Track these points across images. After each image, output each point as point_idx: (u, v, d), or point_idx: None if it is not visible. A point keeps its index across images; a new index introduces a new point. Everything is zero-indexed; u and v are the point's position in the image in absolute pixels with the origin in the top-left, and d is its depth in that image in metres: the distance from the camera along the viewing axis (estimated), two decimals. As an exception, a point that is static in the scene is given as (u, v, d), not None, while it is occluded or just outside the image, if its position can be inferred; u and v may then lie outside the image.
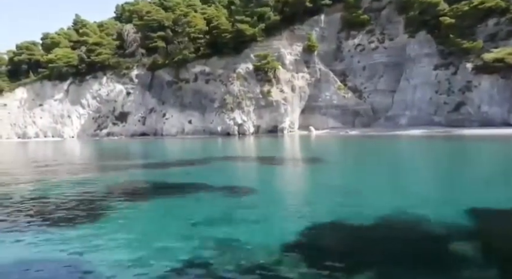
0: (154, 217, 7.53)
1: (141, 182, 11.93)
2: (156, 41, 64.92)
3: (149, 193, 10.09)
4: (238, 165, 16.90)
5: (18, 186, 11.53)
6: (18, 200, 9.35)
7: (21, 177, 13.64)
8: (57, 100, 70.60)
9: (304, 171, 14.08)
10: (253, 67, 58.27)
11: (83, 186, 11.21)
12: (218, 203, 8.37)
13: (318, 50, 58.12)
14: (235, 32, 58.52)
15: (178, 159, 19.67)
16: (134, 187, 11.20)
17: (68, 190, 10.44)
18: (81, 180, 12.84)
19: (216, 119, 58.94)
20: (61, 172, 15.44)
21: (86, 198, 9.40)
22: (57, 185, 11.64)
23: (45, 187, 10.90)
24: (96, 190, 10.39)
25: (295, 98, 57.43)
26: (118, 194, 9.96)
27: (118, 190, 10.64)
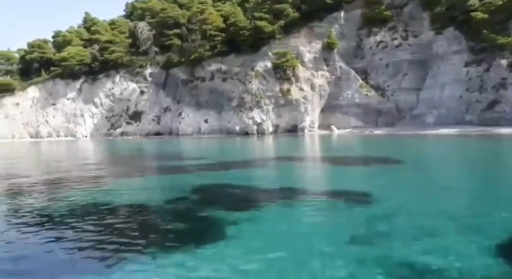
0: (290, 234, 6.13)
1: (225, 186, 10.57)
2: (172, 39, 63.70)
3: (251, 201, 8.66)
4: (306, 166, 15.44)
5: (86, 195, 9.71)
6: (97, 213, 7.44)
7: (77, 179, 12.36)
8: (70, 99, 69.55)
9: (391, 172, 12.75)
10: (272, 65, 57.01)
11: (159, 192, 9.96)
12: (347, 214, 7.11)
13: (337, 47, 56.85)
14: (253, 29, 57.27)
15: (233, 160, 18.17)
16: (224, 191, 9.87)
17: (147, 197, 9.20)
18: (150, 184, 11.64)
19: (233, 118, 57.72)
20: (118, 173, 14.20)
21: (177, 207, 8.05)
22: (126, 189, 10.43)
23: (115, 194, 9.63)
24: (181, 196, 9.12)
25: (315, 97, 56.15)
26: (213, 201, 8.67)
27: (207, 195, 9.38)
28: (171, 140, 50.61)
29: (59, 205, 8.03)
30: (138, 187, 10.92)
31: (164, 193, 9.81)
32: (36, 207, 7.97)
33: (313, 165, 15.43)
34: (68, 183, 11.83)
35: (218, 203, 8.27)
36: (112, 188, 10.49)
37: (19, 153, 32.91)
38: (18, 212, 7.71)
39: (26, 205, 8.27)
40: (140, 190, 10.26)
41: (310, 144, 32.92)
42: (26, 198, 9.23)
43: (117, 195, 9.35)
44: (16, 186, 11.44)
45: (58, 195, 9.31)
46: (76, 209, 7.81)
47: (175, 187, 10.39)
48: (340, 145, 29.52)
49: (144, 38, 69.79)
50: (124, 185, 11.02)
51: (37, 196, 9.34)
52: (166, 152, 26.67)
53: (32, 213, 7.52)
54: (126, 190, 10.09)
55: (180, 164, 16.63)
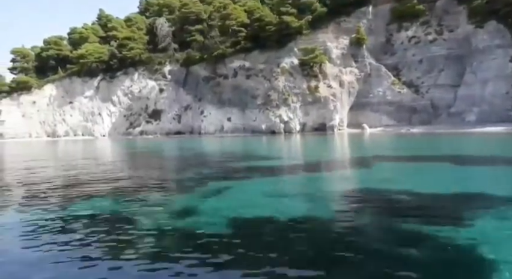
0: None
1: (377, 192, 8.73)
2: (194, 35, 61.96)
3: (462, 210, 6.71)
4: (424, 166, 13.51)
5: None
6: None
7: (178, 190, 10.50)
8: (87, 97, 68.01)
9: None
10: (299, 62, 55.23)
11: (321, 199, 8.07)
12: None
13: (365, 43, 55.03)
14: (279, 25, 55.48)
15: (316, 160, 16.33)
16: (390, 198, 8.00)
17: (312, 207, 7.37)
18: (286, 189, 9.90)
19: (259, 116, 55.97)
20: (214, 177, 12.38)
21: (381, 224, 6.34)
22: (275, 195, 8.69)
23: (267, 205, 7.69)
24: (343, 208, 7.33)
25: (344, 94, 54.33)
26: (399, 211, 6.81)
27: (376, 204, 7.55)
28: (199, 139, 48.86)
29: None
30: (278, 193, 9.16)
31: (328, 202, 7.92)
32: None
33: (429, 165, 13.57)
34: (160, 197, 10.09)
35: (410, 213, 6.49)
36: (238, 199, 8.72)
37: (42, 154, 31.19)
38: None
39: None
40: (287, 198, 8.42)
41: (358, 143, 31.11)
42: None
43: (266, 205, 7.60)
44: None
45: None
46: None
47: (318, 193, 8.62)
48: (394, 144, 27.66)
49: (163, 35, 68.16)
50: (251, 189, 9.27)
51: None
52: (225, 152, 24.52)
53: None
54: (275, 197, 8.33)
55: (263, 165, 14.83)
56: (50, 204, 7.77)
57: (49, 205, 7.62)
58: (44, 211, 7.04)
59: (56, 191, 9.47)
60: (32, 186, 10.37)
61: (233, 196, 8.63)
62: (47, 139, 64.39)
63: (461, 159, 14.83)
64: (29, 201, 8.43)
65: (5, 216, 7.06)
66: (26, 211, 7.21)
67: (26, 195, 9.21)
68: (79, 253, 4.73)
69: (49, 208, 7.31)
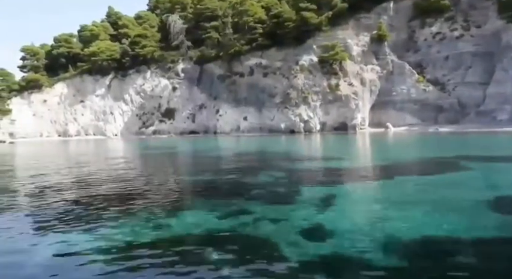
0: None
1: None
2: (209, 32, 60.38)
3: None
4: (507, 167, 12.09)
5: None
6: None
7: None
8: (98, 95, 66.58)
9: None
10: (319, 59, 53.66)
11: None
12: None
13: (387, 40, 53.44)
14: (298, 21, 53.91)
15: (390, 161, 14.82)
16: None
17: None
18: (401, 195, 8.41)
19: (278, 115, 54.42)
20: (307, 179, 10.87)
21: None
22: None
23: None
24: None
25: (366, 93, 52.74)
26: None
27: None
28: (220, 139, 47.23)
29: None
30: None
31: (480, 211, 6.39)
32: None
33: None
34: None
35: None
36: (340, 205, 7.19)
37: (61, 156, 29.68)
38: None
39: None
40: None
41: (400, 142, 29.53)
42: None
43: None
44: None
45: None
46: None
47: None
48: (446, 143, 26.06)
49: (176, 32, 66.64)
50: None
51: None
52: (274, 152, 22.57)
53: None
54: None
55: (335, 166, 13.31)
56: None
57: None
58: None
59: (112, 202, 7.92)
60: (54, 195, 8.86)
61: (351, 207, 7.11)
62: (59, 139, 62.98)
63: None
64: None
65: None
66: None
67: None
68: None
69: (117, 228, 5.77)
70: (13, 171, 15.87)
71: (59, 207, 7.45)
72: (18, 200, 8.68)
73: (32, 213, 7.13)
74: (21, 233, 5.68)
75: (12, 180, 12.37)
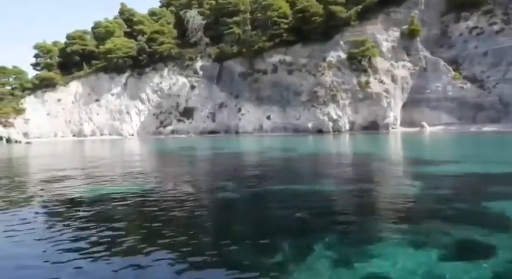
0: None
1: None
2: (232, 27, 58.03)
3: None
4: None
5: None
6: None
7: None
8: (114, 94, 64.37)
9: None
10: (347, 55, 51.27)
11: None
12: None
13: (419, 35, 51.02)
14: (326, 16, 51.56)
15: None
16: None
17: None
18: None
19: (304, 114, 52.06)
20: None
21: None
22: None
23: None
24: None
25: (397, 90, 50.32)
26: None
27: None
28: (245, 138, 44.83)
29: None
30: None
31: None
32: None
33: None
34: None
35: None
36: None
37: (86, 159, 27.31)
38: None
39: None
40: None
41: (461, 142, 27.10)
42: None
43: None
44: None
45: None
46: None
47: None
48: (497, 146, 23.63)
49: (194, 28, 64.36)
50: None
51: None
52: (352, 153, 20.19)
53: None
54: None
55: (475, 171, 10.98)
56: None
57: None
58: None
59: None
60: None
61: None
62: (73, 139, 60.78)
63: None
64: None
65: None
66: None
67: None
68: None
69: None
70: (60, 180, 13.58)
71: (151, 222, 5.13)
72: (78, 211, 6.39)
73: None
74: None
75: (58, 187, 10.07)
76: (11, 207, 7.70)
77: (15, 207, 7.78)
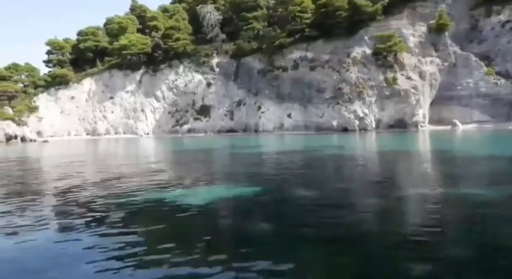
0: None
1: None
2: (251, 22, 56.26)
3: None
4: None
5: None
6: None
7: None
8: (129, 92, 62.74)
9: None
10: (373, 51, 49.50)
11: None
12: None
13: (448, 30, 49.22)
14: (351, 10, 49.76)
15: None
16: None
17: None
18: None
19: (328, 112, 50.29)
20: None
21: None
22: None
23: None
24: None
25: (426, 87, 48.51)
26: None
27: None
28: (270, 137, 43.06)
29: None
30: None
31: None
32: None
33: None
34: None
35: None
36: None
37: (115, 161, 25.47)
38: None
39: None
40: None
41: (501, 141, 25.28)
42: None
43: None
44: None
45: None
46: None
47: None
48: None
49: (211, 24, 62.66)
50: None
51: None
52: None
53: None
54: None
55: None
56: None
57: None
58: None
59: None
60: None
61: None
62: (88, 138, 59.17)
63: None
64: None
65: None
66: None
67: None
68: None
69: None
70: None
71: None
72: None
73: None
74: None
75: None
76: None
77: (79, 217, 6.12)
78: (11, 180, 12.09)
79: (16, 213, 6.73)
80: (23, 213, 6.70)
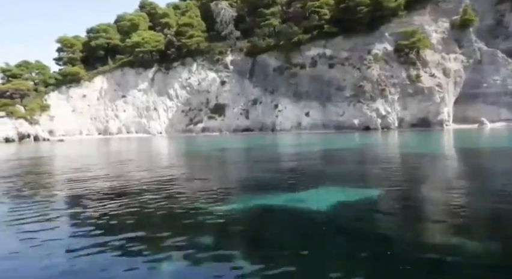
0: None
1: None
2: (269, 19, 54.92)
3: None
4: None
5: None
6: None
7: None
8: (141, 90, 61.46)
9: None
10: (394, 47, 48.14)
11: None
12: None
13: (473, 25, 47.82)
14: (372, 6, 48.35)
15: None
16: None
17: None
18: None
19: (349, 110, 48.92)
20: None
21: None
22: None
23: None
24: None
25: (450, 85, 47.11)
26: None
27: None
28: (292, 136, 41.67)
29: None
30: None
31: None
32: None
33: None
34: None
35: None
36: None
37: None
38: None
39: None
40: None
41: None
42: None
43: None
44: None
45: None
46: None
47: None
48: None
49: (225, 21, 61.30)
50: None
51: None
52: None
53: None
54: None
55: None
56: None
57: None
58: None
59: None
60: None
61: None
62: (99, 137, 57.94)
63: None
64: None
65: None
66: None
67: None
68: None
69: None
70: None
71: None
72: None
73: None
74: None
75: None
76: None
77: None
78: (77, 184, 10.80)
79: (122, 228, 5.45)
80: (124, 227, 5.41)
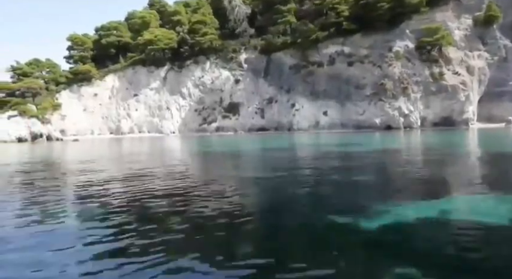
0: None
1: None
2: (286, 16, 53.71)
3: None
4: None
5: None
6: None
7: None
8: (153, 89, 60.27)
9: None
10: (416, 44, 46.91)
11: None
12: None
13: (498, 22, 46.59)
14: (394, 2, 47.12)
15: None
16: None
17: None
18: None
19: (370, 109, 47.68)
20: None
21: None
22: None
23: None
24: None
25: (475, 83, 45.87)
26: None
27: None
28: (307, 135, 40.39)
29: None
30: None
31: None
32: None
33: None
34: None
35: None
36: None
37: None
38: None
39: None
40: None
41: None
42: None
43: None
44: None
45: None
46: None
47: None
48: None
49: (239, 19, 60.13)
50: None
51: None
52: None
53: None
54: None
55: None
56: None
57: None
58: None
59: None
60: None
61: None
62: (110, 137, 56.74)
63: None
64: None
65: None
66: None
67: None
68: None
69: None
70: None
71: None
72: None
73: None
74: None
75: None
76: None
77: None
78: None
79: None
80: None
